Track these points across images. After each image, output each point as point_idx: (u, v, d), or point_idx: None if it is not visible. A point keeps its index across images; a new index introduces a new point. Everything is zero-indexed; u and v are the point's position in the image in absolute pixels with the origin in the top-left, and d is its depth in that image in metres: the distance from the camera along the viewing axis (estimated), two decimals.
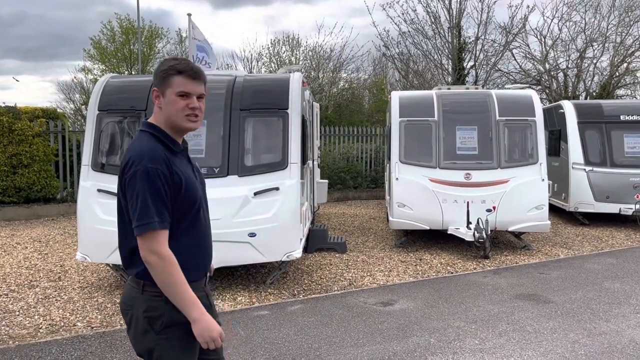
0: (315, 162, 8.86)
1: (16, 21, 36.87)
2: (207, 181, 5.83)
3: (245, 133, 6.02)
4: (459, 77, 17.65)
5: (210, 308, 2.11)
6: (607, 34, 19.26)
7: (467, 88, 9.49)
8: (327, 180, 9.48)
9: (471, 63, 18.54)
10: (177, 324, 1.95)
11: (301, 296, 5.75)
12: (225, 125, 6.00)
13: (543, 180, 7.73)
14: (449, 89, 9.21)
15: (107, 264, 6.17)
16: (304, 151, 6.56)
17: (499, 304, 5.36)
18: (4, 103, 11.28)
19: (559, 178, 10.68)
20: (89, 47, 28.03)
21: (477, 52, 18.41)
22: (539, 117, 7.97)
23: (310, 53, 23.74)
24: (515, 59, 20.28)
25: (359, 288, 6.06)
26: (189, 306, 1.89)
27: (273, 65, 23.58)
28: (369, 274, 6.68)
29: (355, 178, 14.87)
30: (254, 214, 5.70)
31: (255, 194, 5.74)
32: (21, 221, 10.61)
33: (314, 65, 23.85)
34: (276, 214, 5.74)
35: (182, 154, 2.07)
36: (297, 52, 24.06)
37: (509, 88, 10.46)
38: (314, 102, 8.61)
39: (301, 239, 6.01)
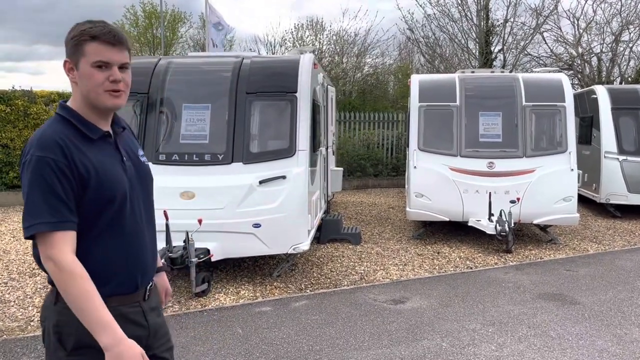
0: (330, 149, 8.50)
1: (47, 7, 37.11)
2: (211, 168, 5.62)
3: (251, 118, 5.70)
4: (486, 62, 16.97)
5: (144, 328, 1.76)
6: None
7: (493, 71, 8.97)
8: (342, 168, 9.10)
9: (499, 47, 17.83)
10: (91, 347, 1.57)
11: (308, 291, 5.44)
12: (230, 109, 5.68)
13: (572, 170, 7.22)
14: (472, 72, 8.70)
15: None
16: (315, 137, 6.21)
17: (520, 305, 4.95)
18: (19, 87, 11.20)
19: (589, 167, 10.09)
20: None
21: (506, 36, 17.68)
22: (569, 103, 7.43)
23: (334, 37, 23.25)
24: (546, 43, 19.42)
25: (370, 283, 5.72)
26: (96, 329, 1.52)
27: (296, 50, 23.11)
28: (382, 267, 6.33)
29: (376, 165, 14.46)
30: (259, 203, 5.40)
31: (260, 182, 5.43)
32: None
33: (338, 50, 23.38)
34: (282, 203, 5.43)
35: (104, 140, 1.70)
36: (321, 37, 23.59)
37: (538, 71, 9.87)
38: (328, 86, 8.22)
39: (309, 231, 5.69)
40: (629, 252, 7.16)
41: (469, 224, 7.28)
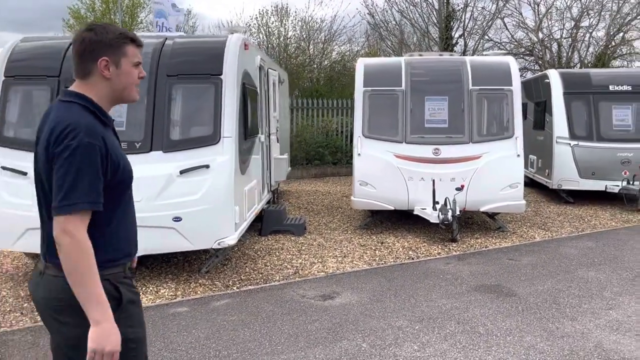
0: (274, 136, 8.13)
1: None
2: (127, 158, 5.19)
3: (172, 103, 5.28)
4: (447, 47, 16.76)
5: (136, 295, 1.94)
6: (604, 2, 18.28)
7: (441, 54, 8.71)
8: (286, 156, 8.73)
9: (460, 32, 17.66)
10: (132, 302, 1.85)
11: (235, 288, 5.10)
12: (149, 93, 5.25)
13: (518, 155, 7.00)
14: (420, 55, 8.42)
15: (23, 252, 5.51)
16: (247, 123, 5.84)
17: (453, 298, 4.71)
18: None
19: (543, 153, 9.99)
20: (68, 17, 26.95)
21: (466, 21, 17.51)
22: (516, 87, 7.21)
23: (299, 23, 22.78)
24: (507, 28, 19.35)
25: (304, 277, 5.41)
26: (93, 303, 1.66)
27: (261, 36, 22.61)
28: (320, 260, 6.03)
29: (335, 153, 14.15)
30: (179, 195, 5.01)
31: (181, 172, 5.04)
32: None
33: (304, 36, 22.95)
34: (205, 195, 5.05)
35: (110, 129, 1.89)
36: (286, 23, 23.07)
37: (487, 54, 9.66)
38: (270, 69, 7.81)
39: (237, 224, 5.32)
40: (575, 238, 7.02)
41: (415, 212, 7.03)
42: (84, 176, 1.68)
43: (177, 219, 4.97)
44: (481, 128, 7.18)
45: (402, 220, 8.01)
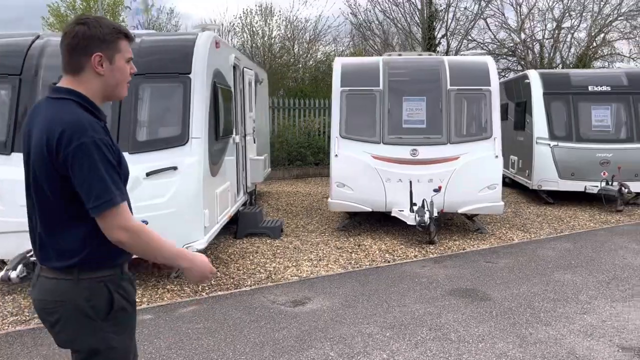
0: (250, 137, 7.97)
1: None
2: None
3: (139, 102, 5.12)
4: (430, 47, 16.73)
5: (131, 303, 1.89)
6: (585, 3, 18.40)
7: (420, 54, 8.62)
8: (262, 157, 8.56)
9: (442, 32, 17.63)
10: (123, 309, 1.82)
11: (204, 293, 4.94)
12: None
13: (497, 156, 6.93)
14: (399, 54, 8.32)
15: None
16: (218, 124, 5.68)
17: (427, 303, 4.60)
18: None
19: (523, 153, 9.95)
20: (48, 15, 26.52)
21: (449, 21, 17.50)
22: (495, 87, 7.14)
23: (284, 23, 22.65)
24: (489, 29, 19.39)
25: (276, 282, 5.26)
26: (177, 259, 1.80)
27: (245, 35, 22.45)
28: (294, 264, 5.89)
29: (317, 154, 14.02)
30: (145, 198, 4.83)
31: (147, 174, 4.88)
32: None
33: (289, 36, 22.83)
34: (173, 198, 4.90)
35: (104, 124, 1.83)
36: (271, 22, 22.92)
37: (466, 54, 9.60)
38: (245, 69, 7.65)
39: (207, 227, 5.17)
40: (553, 240, 6.96)
41: (392, 214, 6.93)
42: (104, 172, 1.67)
43: (143, 223, 4.79)
44: (459, 129, 7.10)
45: (380, 222, 7.91)
